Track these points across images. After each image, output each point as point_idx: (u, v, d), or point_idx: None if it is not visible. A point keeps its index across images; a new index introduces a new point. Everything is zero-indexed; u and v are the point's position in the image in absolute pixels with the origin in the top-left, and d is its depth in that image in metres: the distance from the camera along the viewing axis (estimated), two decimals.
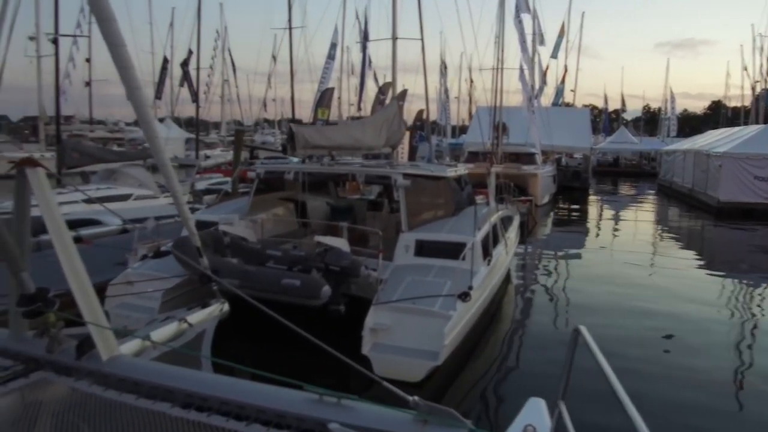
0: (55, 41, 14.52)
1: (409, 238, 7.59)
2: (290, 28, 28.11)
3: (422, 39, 16.53)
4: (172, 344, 3.15)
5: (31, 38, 27.73)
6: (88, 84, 35.40)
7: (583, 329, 2.07)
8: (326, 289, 6.09)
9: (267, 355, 6.57)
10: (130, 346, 2.89)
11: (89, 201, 11.14)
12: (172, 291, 7.02)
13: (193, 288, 6.87)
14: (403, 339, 5.97)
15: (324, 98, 26.42)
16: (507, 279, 10.53)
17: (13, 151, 35.84)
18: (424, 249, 7.46)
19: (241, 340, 5.93)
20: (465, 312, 6.38)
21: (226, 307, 3.82)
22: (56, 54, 14.63)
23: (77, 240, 11.21)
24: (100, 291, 7.42)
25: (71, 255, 2.58)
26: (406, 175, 8.20)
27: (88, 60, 33.81)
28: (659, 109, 70.09)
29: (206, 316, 3.64)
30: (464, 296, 6.22)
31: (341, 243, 7.13)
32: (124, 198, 14.27)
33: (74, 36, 30.99)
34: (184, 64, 32.16)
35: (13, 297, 2.64)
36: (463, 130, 52.11)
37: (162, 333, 3.18)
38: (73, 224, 12.01)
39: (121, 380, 2.37)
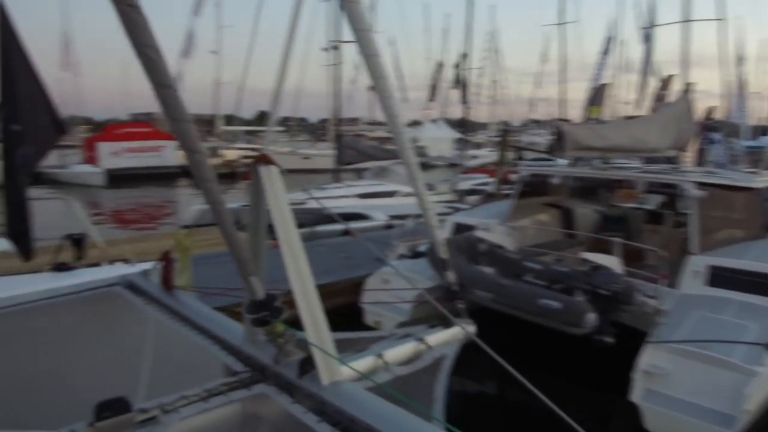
0: (335, 47, 15.92)
1: (701, 263, 6.20)
2: (562, 24, 26.78)
3: (722, 19, 13.97)
4: (407, 368, 2.79)
5: (324, 49, 31.23)
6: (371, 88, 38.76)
7: None
8: (591, 317, 5.19)
9: (512, 377, 5.97)
10: (360, 363, 2.55)
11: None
12: (425, 294, 6.81)
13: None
14: (686, 391, 4.78)
15: (597, 95, 24.60)
16: None
17: (308, 149, 41.22)
18: (721, 278, 6.01)
19: (486, 353, 5.41)
20: None
21: (471, 328, 3.34)
22: (337, 60, 16.01)
23: (345, 233, 12.02)
24: (359, 285, 7.61)
25: (299, 261, 2.34)
26: (701, 184, 6.77)
27: None
28: None
29: (449, 337, 3.20)
30: None
31: (613, 262, 6.10)
32: (390, 195, 14.95)
33: (354, 42, 34.03)
34: (456, 67, 33.14)
35: (245, 300, 2.51)
36: (765, 131, 44.09)
37: (396, 353, 2.85)
38: (344, 217, 12.91)
39: (339, 412, 2.05)
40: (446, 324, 3.25)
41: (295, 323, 2.33)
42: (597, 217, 9.58)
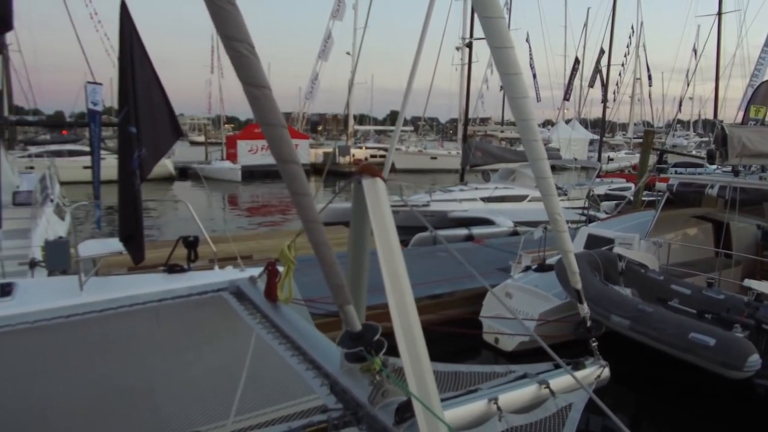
0: (468, 45, 15.42)
1: None
2: (719, 14, 24.12)
3: None
4: (524, 418, 2.31)
5: (457, 48, 30.79)
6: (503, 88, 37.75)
7: None
8: (754, 359, 4.32)
9: (652, 417, 5.24)
10: (469, 408, 2.20)
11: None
12: (550, 313, 6.24)
13: (574, 314, 5.97)
14: None
15: (759, 93, 21.81)
16: None
17: (436, 148, 41.10)
18: None
19: (622, 383, 4.75)
20: None
21: (606, 372, 2.85)
22: (469, 57, 15.51)
23: (469, 238, 11.51)
24: (480, 296, 7.16)
25: (401, 285, 2.00)
26: None
27: None
28: None
29: (577, 381, 2.69)
30: None
31: None
32: (519, 199, 14.19)
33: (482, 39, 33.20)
34: (597, 63, 31.36)
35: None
36: None
37: (512, 399, 2.42)
38: (468, 222, 12.42)
39: None
40: (575, 364, 2.78)
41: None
42: (758, 234, 8.34)
